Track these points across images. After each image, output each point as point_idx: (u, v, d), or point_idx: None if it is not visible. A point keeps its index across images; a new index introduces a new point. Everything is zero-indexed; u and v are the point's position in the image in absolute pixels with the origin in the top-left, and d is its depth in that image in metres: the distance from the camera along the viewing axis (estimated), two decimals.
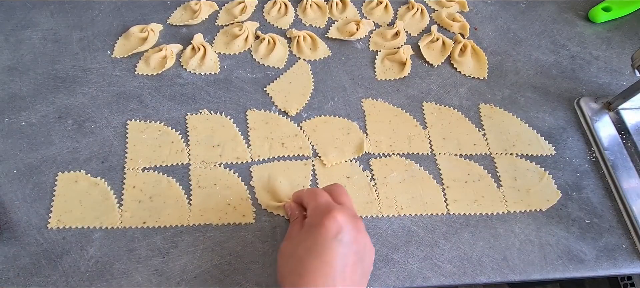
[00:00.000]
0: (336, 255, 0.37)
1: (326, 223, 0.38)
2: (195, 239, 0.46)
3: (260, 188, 0.49)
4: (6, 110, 0.53)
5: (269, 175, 0.50)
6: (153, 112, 0.54)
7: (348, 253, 0.37)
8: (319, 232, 0.38)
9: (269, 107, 0.55)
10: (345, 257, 0.37)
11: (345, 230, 0.38)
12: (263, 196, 0.49)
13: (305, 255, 0.37)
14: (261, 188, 0.49)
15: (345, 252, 0.37)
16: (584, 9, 0.69)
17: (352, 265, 0.38)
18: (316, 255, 0.37)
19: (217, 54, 0.60)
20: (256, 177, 0.50)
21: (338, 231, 0.38)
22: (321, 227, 0.38)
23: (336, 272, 0.36)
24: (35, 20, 0.61)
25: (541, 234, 0.48)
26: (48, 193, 0.48)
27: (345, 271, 0.37)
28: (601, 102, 0.57)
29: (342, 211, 0.39)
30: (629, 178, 0.51)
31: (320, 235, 0.38)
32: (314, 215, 0.40)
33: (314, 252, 0.37)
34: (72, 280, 0.43)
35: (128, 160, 0.50)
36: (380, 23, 0.66)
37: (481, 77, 0.60)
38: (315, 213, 0.40)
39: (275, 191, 0.49)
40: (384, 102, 0.57)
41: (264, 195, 0.49)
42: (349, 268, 0.37)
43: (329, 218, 0.38)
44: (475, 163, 0.53)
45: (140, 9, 0.64)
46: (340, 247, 0.37)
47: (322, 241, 0.37)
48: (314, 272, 0.36)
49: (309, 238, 0.38)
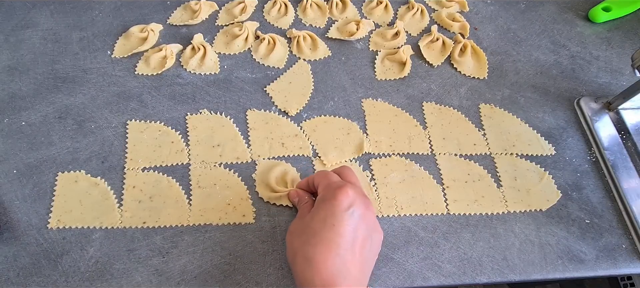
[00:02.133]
0: (348, 227, 0.38)
1: (339, 196, 0.39)
2: (195, 239, 0.46)
3: (260, 181, 0.49)
4: (6, 110, 0.53)
5: (267, 169, 0.50)
6: (153, 112, 0.54)
7: (359, 227, 0.38)
8: (332, 204, 0.39)
9: (269, 107, 0.55)
10: (356, 231, 0.38)
11: (356, 204, 0.39)
12: (263, 189, 0.49)
13: (319, 227, 0.38)
14: (260, 182, 0.49)
15: (356, 225, 0.38)
16: (584, 9, 0.69)
17: (362, 240, 0.38)
18: (330, 226, 0.38)
19: (217, 54, 0.60)
20: (258, 172, 0.50)
21: (350, 204, 0.39)
22: (334, 200, 0.39)
23: (348, 243, 0.37)
24: (35, 20, 0.61)
25: (541, 234, 0.48)
26: (48, 193, 0.48)
27: (356, 244, 0.38)
28: (601, 102, 0.57)
29: (353, 187, 0.40)
30: (629, 178, 0.51)
31: (333, 207, 0.39)
32: (326, 191, 0.41)
33: (328, 223, 0.38)
34: (72, 280, 0.43)
35: (128, 160, 0.50)
36: (380, 23, 0.66)
37: (481, 77, 0.60)
38: (328, 189, 0.41)
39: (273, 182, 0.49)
40: (384, 102, 0.57)
41: (263, 189, 0.49)
42: (359, 242, 0.38)
43: (342, 191, 0.39)
44: (475, 163, 0.53)
45: (140, 9, 0.64)
46: (351, 220, 0.38)
47: (335, 212, 0.38)
48: (328, 242, 0.37)
49: (322, 211, 0.39)
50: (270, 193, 0.48)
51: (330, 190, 0.40)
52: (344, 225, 0.38)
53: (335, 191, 0.40)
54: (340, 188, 0.40)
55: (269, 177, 0.49)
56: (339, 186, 0.40)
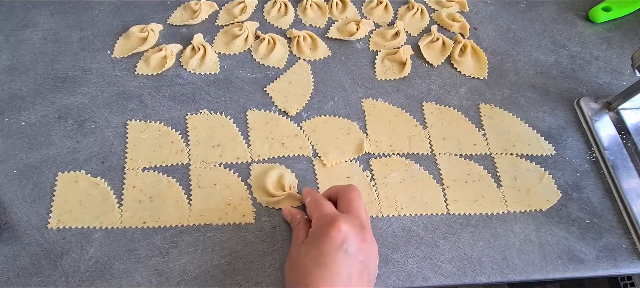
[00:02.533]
0: (342, 265, 0.37)
1: (331, 233, 0.38)
2: (195, 239, 0.46)
3: (257, 186, 0.49)
4: (6, 110, 0.53)
5: (263, 172, 0.50)
6: (153, 112, 0.54)
7: (354, 263, 0.38)
8: (325, 242, 0.38)
9: (269, 107, 0.55)
10: (350, 267, 0.37)
11: (350, 239, 0.38)
12: (260, 194, 0.49)
13: (312, 266, 0.37)
14: (257, 187, 0.49)
15: (350, 262, 0.37)
16: (584, 9, 0.69)
17: (358, 274, 0.38)
18: (323, 265, 0.37)
19: (217, 54, 0.60)
20: (253, 176, 0.50)
21: (343, 241, 0.38)
22: (326, 237, 0.38)
23: (342, 281, 0.37)
24: (35, 20, 0.61)
25: (541, 234, 0.48)
26: (48, 193, 0.48)
27: (351, 280, 0.37)
28: (601, 102, 0.57)
29: (347, 221, 0.39)
30: (629, 178, 0.51)
31: (326, 245, 0.38)
32: (318, 225, 0.40)
33: (320, 262, 0.37)
34: (72, 280, 0.43)
35: (128, 160, 0.50)
36: (380, 23, 0.66)
37: (481, 77, 0.60)
38: (320, 224, 0.40)
39: (270, 187, 0.49)
40: (384, 102, 0.57)
41: (260, 193, 0.49)
42: (355, 278, 0.37)
43: (334, 228, 0.38)
44: (475, 163, 0.53)
45: (140, 9, 0.64)
46: (345, 257, 0.37)
47: (328, 251, 0.37)
48: (321, 282, 0.36)
49: (314, 249, 0.38)
50: (268, 198, 0.48)
51: (322, 225, 0.40)
52: (337, 264, 0.37)
53: (328, 228, 0.38)
54: (332, 224, 0.39)
55: (266, 182, 0.49)
56: (331, 221, 0.39)
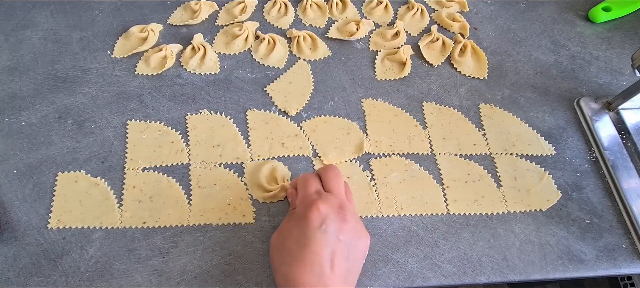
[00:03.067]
0: (323, 245, 0.38)
1: (309, 215, 0.39)
2: (195, 239, 0.46)
3: (251, 183, 0.49)
4: (6, 110, 0.53)
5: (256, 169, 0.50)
6: (153, 112, 0.54)
7: (334, 242, 0.38)
8: (304, 223, 0.39)
9: (269, 107, 0.55)
10: (331, 246, 0.38)
11: (329, 220, 0.39)
12: (255, 191, 0.49)
13: (294, 246, 0.39)
14: (252, 184, 0.49)
15: (330, 241, 0.38)
16: (584, 9, 0.69)
17: (341, 253, 0.38)
18: (304, 245, 0.38)
19: (217, 54, 0.60)
20: (247, 174, 0.50)
21: (322, 222, 0.39)
22: (304, 219, 0.39)
23: (324, 259, 0.37)
24: (35, 20, 0.61)
25: (541, 234, 0.48)
26: (48, 193, 0.48)
27: (334, 259, 0.38)
28: (601, 102, 0.57)
29: (326, 201, 0.40)
30: (629, 178, 0.51)
31: (304, 226, 0.39)
32: (300, 205, 0.42)
33: (301, 243, 0.38)
34: (72, 280, 0.43)
35: (128, 160, 0.50)
36: (380, 23, 0.66)
37: (481, 77, 0.60)
38: (302, 205, 0.41)
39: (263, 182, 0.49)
40: (384, 102, 0.57)
41: (255, 190, 0.49)
42: (337, 257, 0.38)
43: (312, 209, 0.39)
44: (475, 163, 0.53)
45: (140, 9, 0.64)
46: (325, 237, 0.38)
47: (307, 232, 0.39)
48: (303, 261, 0.37)
49: (295, 230, 0.40)
50: (264, 194, 0.48)
51: (303, 207, 0.41)
52: (317, 244, 0.38)
53: (306, 210, 0.40)
54: (311, 205, 0.40)
55: (259, 177, 0.49)
56: (310, 203, 0.40)
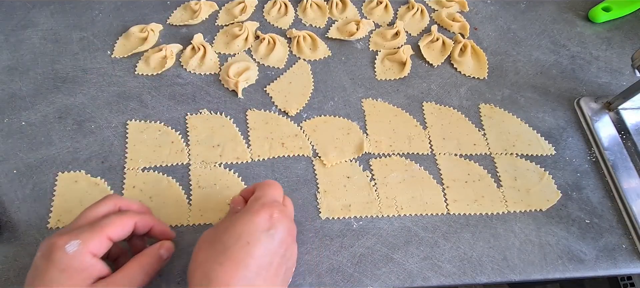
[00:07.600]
0: (264, 248, 0.34)
1: (261, 212, 0.36)
2: (195, 239, 0.45)
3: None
4: (6, 110, 0.53)
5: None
6: (153, 112, 0.54)
7: (276, 252, 0.35)
8: (252, 221, 0.35)
9: (269, 107, 0.55)
10: (272, 255, 0.35)
11: (278, 228, 0.36)
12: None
13: (231, 242, 0.34)
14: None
15: (274, 249, 0.35)
16: (584, 9, 0.69)
17: (277, 266, 0.36)
18: (244, 244, 0.34)
19: (217, 54, 0.60)
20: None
21: (272, 226, 0.35)
22: (255, 216, 0.36)
23: (261, 267, 0.34)
24: (35, 20, 0.61)
25: (541, 234, 0.48)
26: (48, 193, 0.48)
27: (270, 269, 0.35)
28: (601, 102, 0.57)
29: (284, 212, 0.37)
30: (629, 178, 0.51)
31: (252, 224, 0.35)
32: (254, 201, 0.38)
33: (242, 240, 0.34)
34: None
35: (128, 160, 0.50)
36: (380, 23, 0.66)
37: (481, 77, 0.60)
38: (256, 201, 0.37)
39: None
40: (384, 102, 0.57)
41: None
42: (273, 268, 0.35)
43: (266, 210, 0.36)
44: (475, 163, 0.53)
45: (140, 9, 0.64)
46: (269, 243, 0.35)
47: (253, 231, 0.35)
48: (237, 261, 0.33)
49: (238, 226, 0.35)
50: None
51: (256, 203, 0.37)
52: (260, 246, 0.34)
53: (261, 208, 0.36)
54: (266, 205, 0.36)
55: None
56: (266, 204, 0.37)
